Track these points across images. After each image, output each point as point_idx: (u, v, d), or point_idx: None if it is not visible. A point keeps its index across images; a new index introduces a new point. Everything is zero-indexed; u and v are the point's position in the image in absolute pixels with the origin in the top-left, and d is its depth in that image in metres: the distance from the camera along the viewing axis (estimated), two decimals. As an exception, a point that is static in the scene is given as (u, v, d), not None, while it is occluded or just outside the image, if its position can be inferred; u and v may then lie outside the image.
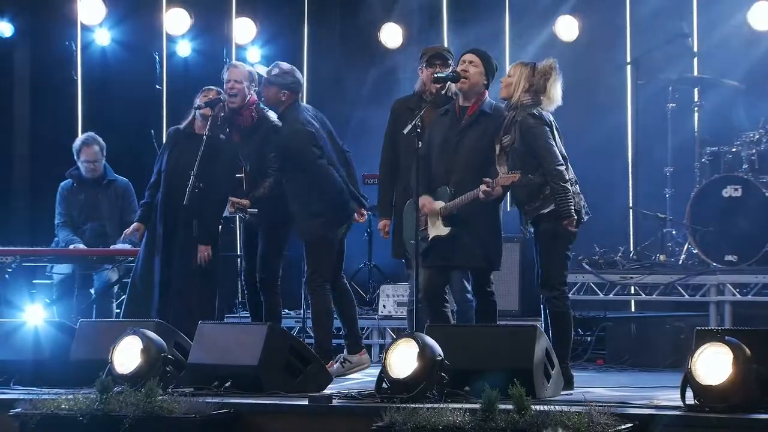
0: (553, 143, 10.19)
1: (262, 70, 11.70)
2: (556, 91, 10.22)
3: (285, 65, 11.57)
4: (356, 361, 11.52)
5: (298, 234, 11.49)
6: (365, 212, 11.69)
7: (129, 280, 11.82)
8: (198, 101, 11.55)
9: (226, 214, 11.54)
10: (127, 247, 12.35)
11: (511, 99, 10.24)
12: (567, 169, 10.24)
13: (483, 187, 10.17)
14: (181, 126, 11.72)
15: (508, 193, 10.37)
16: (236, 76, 11.57)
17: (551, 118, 10.25)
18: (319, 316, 11.46)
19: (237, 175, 11.60)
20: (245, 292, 11.96)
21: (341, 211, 11.48)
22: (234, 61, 11.90)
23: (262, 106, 11.66)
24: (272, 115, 11.66)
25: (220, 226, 11.70)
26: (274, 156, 11.47)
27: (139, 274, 11.68)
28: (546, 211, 10.10)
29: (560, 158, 10.16)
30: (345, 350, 11.61)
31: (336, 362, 11.51)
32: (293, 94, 11.50)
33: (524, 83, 10.20)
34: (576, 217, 10.16)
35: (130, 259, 12.24)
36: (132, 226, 11.78)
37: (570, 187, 10.14)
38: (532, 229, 10.23)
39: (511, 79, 10.26)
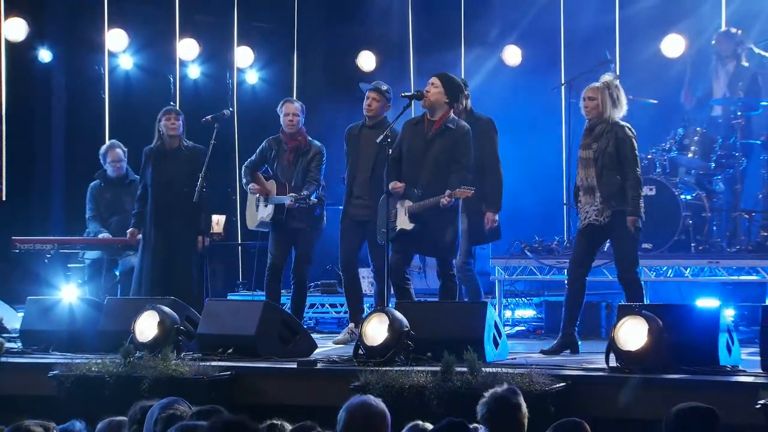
0: (637, 156, 10.29)
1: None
2: (624, 98, 10.34)
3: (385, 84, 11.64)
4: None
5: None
6: None
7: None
8: (163, 122, 11.70)
9: (287, 202, 11.44)
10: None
11: (600, 115, 10.23)
12: None
13: (444, 199, 10.21)
14: (154, 145, 11.75)
15: (584, 180, 10.33)
16: (293, 110, 11.67)
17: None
18: None
19: None
20: (267, 279, 11.75)
21: None
22: (288, 98, 11.87)
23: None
24: (317, 142, 11.77)
25: None
26: (315, 169, 11.53)
27: (138, 268, 11.82)
28: (626, 206, 10.09)
29: (640, 169, 10.26)
30: (352, 324, 11.45)
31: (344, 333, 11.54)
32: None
33: (608, 100, 10.23)
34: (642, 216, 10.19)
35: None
36: (129, 232, 11.89)
37: (641, 193, 10.20)
38: (609, 214, 10.14)
39: (594, 102, 10.25)
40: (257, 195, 11.64)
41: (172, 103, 14.76)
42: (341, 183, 11.84)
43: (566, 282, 10.58)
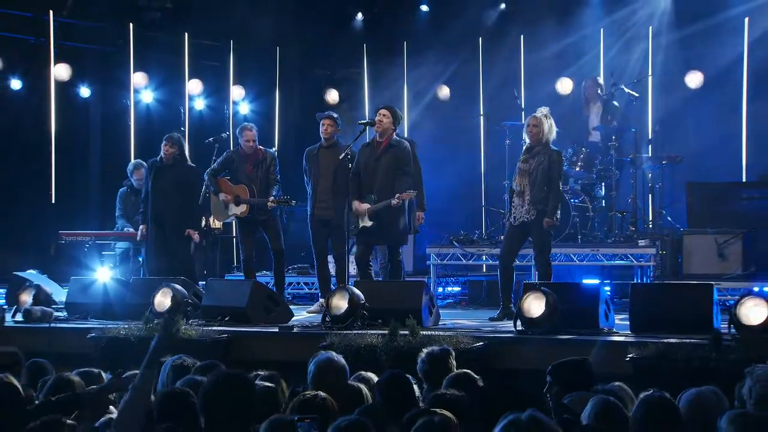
0: (561, 175, 10.43)
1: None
2: (554, 124, 10.36)
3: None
4: None
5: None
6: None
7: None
8: (162, 146, 11.49)
9: (269, 202, 11.25)
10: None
11: (540, 139, 10.22)
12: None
13: (394, 200, 10.26)
14: (157, 159, 11.54)
15: (518, 186, 10.32)
16: (252, 136, 11.44)
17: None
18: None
19: None
20: (243, 265, 11.71)
21: None
22: (246, 124, 11.65)
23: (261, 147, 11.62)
24: (270, 150, 11.72)
25: None
26: (275, 173, 11.40)
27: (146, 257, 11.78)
28: (547, 209, 10.12)
29: (560, 185, 10.37)
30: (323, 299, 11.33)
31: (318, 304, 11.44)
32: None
33: (547, 127, 10.24)
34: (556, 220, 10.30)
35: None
36: (141, 228, 11.65)
37: (559, 204, 10.26)
38: (534, 213, 10.15)
39: (537, 129, 10.23)
40: (226, 199, 11.48)
41: (182, 128, 14.75)
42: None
43: (499, 267, 10.46)
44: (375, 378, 6.04)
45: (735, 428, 4.11)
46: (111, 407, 5.59)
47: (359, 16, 16.54)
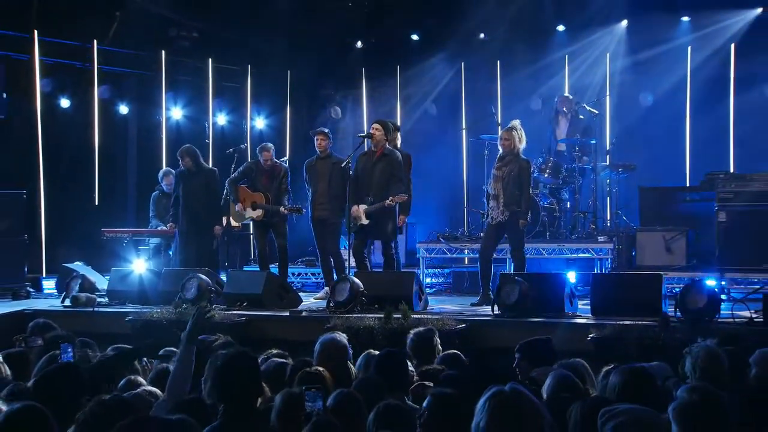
0: (531, 181, 10.43)
1: None
2: (524, 135, 10.31)
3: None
4: None
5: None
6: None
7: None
8: (181, 162, 11.56)
9: (282, 209, 11.19)
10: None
11: (511, 150, 10.17)
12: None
13: (387, 201, 10.25)
14: (182, 169, 11.62)
15: (493, 190, 10.28)
16: (270, 156, 11.42)
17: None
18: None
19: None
20: (257, 258, 11.73)
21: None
22: (265, 144, 11.65)
23: (276, 160, 11.58)
24: (284, 164, 11.68)
25: None
26: (286, 184, 11.36)
27: (177, 250, 11.77)
28: (518, 210, 10.11)
29: (530, 189, 10.35)
30: (327, 288, 11.28)
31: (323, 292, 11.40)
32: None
33: (516, 139, 10.19)
34: (528, 220, 10.34)
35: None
36: (169, 225, 11.84)
37: (529, 206, 10.28)
38: (508, 214, 10.14)
39: (509, 141, 10.18)
40: (240, 209, 11.50)
41: (207, 140, 14.73)
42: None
43: (479, 260, 10.41)
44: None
45: (696, 397, 3.90)
46: (139, 378, 5.58)
47: (359, 44, 16.54)
